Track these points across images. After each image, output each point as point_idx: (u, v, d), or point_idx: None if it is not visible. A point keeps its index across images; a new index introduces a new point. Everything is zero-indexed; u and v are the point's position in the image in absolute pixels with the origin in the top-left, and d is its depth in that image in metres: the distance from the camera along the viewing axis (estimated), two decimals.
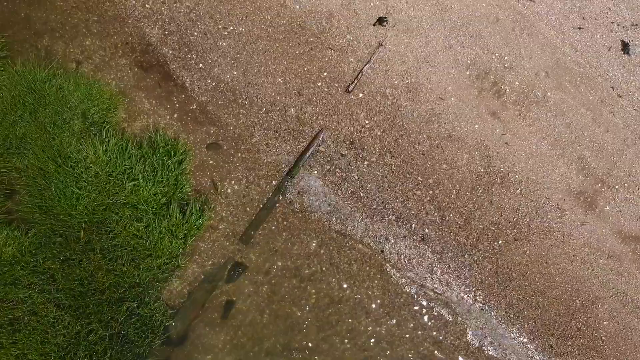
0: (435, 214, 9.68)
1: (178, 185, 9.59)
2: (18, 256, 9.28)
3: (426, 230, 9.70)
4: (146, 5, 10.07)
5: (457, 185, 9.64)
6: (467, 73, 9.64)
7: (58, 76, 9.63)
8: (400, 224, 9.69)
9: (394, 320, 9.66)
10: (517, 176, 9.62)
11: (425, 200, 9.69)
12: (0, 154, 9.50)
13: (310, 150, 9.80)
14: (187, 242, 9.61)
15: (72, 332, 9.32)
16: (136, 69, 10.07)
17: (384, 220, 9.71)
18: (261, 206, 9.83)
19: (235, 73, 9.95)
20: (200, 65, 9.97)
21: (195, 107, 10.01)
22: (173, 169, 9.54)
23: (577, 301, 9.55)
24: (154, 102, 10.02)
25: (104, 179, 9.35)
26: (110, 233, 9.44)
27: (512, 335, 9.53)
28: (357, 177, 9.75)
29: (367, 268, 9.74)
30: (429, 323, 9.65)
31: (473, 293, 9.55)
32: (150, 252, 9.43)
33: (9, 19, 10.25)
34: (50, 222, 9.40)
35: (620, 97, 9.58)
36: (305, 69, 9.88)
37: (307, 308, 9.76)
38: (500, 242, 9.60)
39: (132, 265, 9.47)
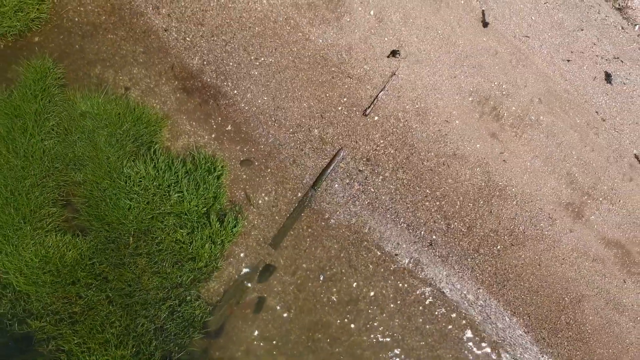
0: (442, 222, 11.03)
1: (217, 198, 10.95)
2: (78, 259, 10.64)
3: (434, 237, 11.05)
4: (187, 39, 11.44)
5: (461, 197, 10.99)
6: (470, 99, 11.00)
7: (112, 102, 11.01)
8: (410, 231, 11.04)
9: (405, 316, 11.01)
10: (513, 189, 10.97)
11: (432, 211, 11.04)
12: (61, 169, 10.88)
13: (332, 166, 11.15)
14: (224, 247, 10.97)
15: (123, 325, 10.66)
16: (178, 95, 11.44)
17: (396, 228, 11.06)
18: (288, 215, 11.18)
19: (265, 98, 11.31)
20: (235, 91, 11.34)
21: (230, 128, 11.37)
22: (213, 183, 10.89)
23: (566, 299, 10.89)
24: (194, 123, 11.38)
25: (152, 191, 10.71)
26: (156, 239, 10.79)
27: (509, 327, 10.86)
28: (373, 190, 11.10)
29: (382, 270, 11.09)
30: (437, 318, 10.99)
31: (475, 292, 10.89)
32: (192, 256, 10.78)
33: (65, 50, 11.62)
34: (104, 229, 10.76)
35: (603, 120, 10.93)
36: (327, 95, 11.24)
37: (329, 305, 11.11)
38: (498, 247, 10.94)
39: (176, 267, 10.82)
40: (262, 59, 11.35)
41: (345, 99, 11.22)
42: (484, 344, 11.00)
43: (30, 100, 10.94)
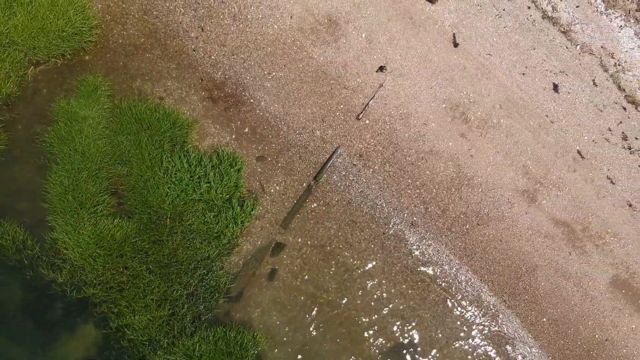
0: (421, 206, 13.50)
1: (237, 187, 13.43)
2: (125, 238, 13.12)
3: (414, 219, 13.51)
4: (212, 57, 13.94)
5: (437, 186, 13.46)
6: (443, 106, 13.48)
7: (153, 110, 13.51)
8: (396, 213, 13.51)
9: (392, 283, 13.47)
10: (479, 179, 13.43)
11: (413, 197, 13.51)
12: (110, 164, 13.38)
13: (331, 161, 13.63)
14: (243, 227, 13.44)
15: (161, 291, 13.12)
16: (205, 103, 13.94)
17: (384, 211, 13.53)
18: (295, 201, 13.66)
19: (276, 106, 13.81)
20: (251, 100, 13.83)
21: (247, 130, 13.86)
22: (234, 175, 13.36)
23: (523, 268, 13.32)
24: (218, 126, 13.88)
25: (186, 182, 13.18)
26: (188, 221, 13.26)
27: (475, 293, 13.33)
28: (364, 180, 13.58)
29: (372, 246, 13.55)
30: (418, 285, 13.44)
31: (448, 263, 13.35)
32: (218, 234, 13.25)
33: (111, 67, 14.13)
34: (146, 212, 13.24)
35: (552, 122, 13.35)
36: (327, 102, 13.73)
37: (329, 274, 13.58)
38: (467, 226, 13.39)
39: (204, 243, 13.29)
40: (274, 73, 13.85)
41: (341, 106, 13.70)
42: (456, 306, 13.44)
43: (85, 108, 13.45)
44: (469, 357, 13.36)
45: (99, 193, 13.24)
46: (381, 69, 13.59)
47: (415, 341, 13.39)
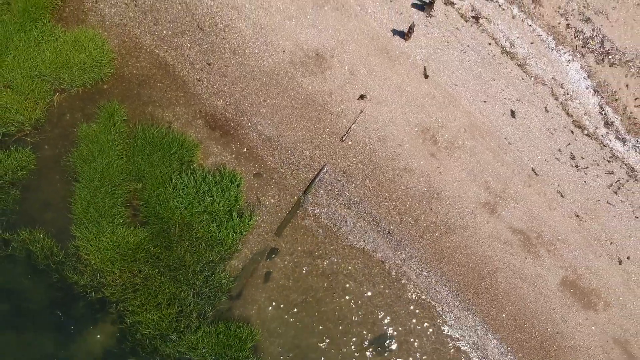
0: (397, 217, 15.50)
1: (237, 200, 15.42)
2: (139, 244, 15.10)
3: (391, 227, 15.51)
4: (214, 86, 15.96)
5: (410, 199, 15.47)
6: (416, 129, 15.49)
7: (164, 133, 15.53)
8: (375, 223, 15.51)
9: (371, 283, 15.47)
10: (447, 193, 15.44)
11: (390, 208, 15.51)
12: (127, 180, 15.39)
13: (318, 177, 15.63)
14: (242, 235, 15.43)
15: (171, 291, 15.09)
16: (208, 127, 15.95)
17: (364, 221, 15.53)
18: (288, 212, 15.66)
19: (271, 129, 15.82)
20: (249, 124, 15.85)
21: (245, 150, 15.88)
22: (234, 190, 15.36)
23: (485, 270, 15.32)
24: (220, 147, 15.88)
25: (192, 196, 15.18)
26: (195, 230, 15.25)
27: (444, 292, 15.34)
28: (347, 194, 15.59)
29: (354, 251, 15.55)
30: (394, 285, 15.44)
31: (421, 266, 15.36)
32: (220, 241, 15.23)
33: (126, 94, 16.15)
34: (158, 222, 15.22)
35: (510, 144, 15.34)
36: (315, 126, 15.74)
37: (317, 276, 15.58)
38: (437, 234, 15.39)
39: (208, 249, 15.27)
40: (269, 100, 15.87)
41: (327, 129, 15.72)
42: (427, 303, 15.44)
43: (104, 132, 15.46)
44: (440, 346, 15.37)
45: (116, 205, 15.25)
46: (362, 97, 15.59)
47: (393, 333, 15.38)
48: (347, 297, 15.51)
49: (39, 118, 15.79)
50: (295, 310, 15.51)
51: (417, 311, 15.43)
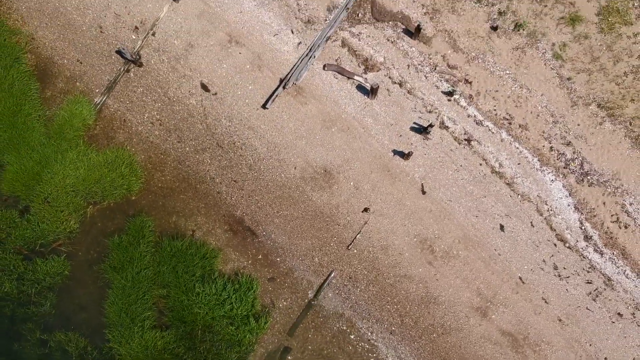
0: (398, 319, 17.19)
1: (253, 305, 17.09)
2: (165, 345, 16.77)
3: (393, 328, 17.20)
4: (232, 198, 17.66)
5: (410, 303, 17.17)
6: (415, 239, 17.20)
7: (188, 246, 17.21)
8: (378, 324, 17.21)
9: None
10: (443, 298, 17.14)
11: (392, 311, 17.20)
12: (153, 288, 17.06)
13: (327, 282, 17.32)
14: (258, 336, 17.12)
15: None
16: (227, 235, 17.64)
17: (369, 322, 17.23)
18: (299, 314, 17.35)
19: (284, 237, 17.52)
20: (264, 233, 17.54)
21: (261, 257, 17.58)
22: (251, 296, 17.05)
23: None
24: (237, 254, 17.58)
25: (213, 302, 16.84)
26: (215, 332, 16.93)
27: None
28: (353, 298, 17.29)
29: (359, 349, 17.22)
30: None
31: None
32: (238, 341, 16.91)
33: (152, 205, 17.84)
34: (182, 326, 16.90)
35: (499, 255, 17.01)
36: (323, 235, 17.43)
37: None
38: (434, 335, 17.08)
39: (228, 349, 16.94)
40: (281, 212, 17.56)
41: (335, 238, 17.42)
42: None
43: (134, 244, 17.15)
44: None
45: (145, 310, 16.92)
46: (366, 209, 17.29)
47: None
48: None
49: (73, 229, 17.49)
50: None
51: None
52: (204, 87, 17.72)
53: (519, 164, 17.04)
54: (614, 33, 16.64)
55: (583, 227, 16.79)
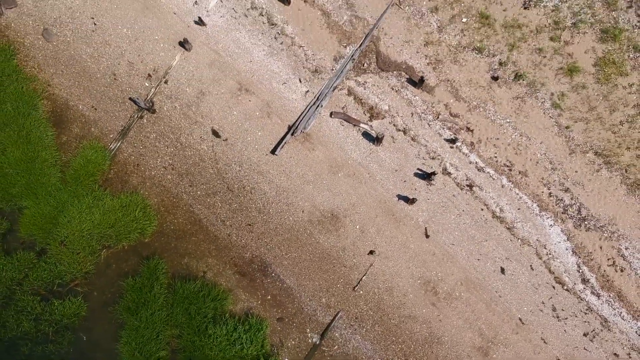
0: (403, 358, 17.81)
1: (263, 345, 17.74)
2: None
3: None
4: (242, 241, 18.29)
5: (414, 343, 17.81)
6: (419, 281, 17.85)
7: (199, 288, 17.84)
8: None
9: None
10: (446, 338, 17.78)
11: (397, 351, 17.85)
12: (166, 328, 17.70)
13: (333, 322, 17.96)
14: None
15: None
16: (237, 276, 18.28)
17: None
18: (307, 353, 17.98)
19: (292, 278, 18.16)
20: (273, 274, 18.18)
21: (269, 297, 18.21)
22: (260, 337, 17.69)
23: None
24: (247, 294, 18.21)
25: (225, 343, 17.48)
26: None
27: None
28: (359, 338, 17.94)
29: None
30: None
31: None
32: None
33: (165, 247, 18.48)
34: None
35: (500, 296, 17.71)
36: (330, 277, 18.07)
37: None
38: None
39: None
40: (290, 254, 18.20)
41: (341, 280, 18.06)
42: None
43: (148, 286, 17.78)
44: None
45: (159, 350, 17.55)
46: (371, 252, 17.93)
47: None
48: None
49: (88, 271, 18.12)
50: None
51: None
52: (215, 133, 18.35)
53: (519, 209, 17.68)
54: (610, 83, 17.27)
55: (581, 271, 17.43)
